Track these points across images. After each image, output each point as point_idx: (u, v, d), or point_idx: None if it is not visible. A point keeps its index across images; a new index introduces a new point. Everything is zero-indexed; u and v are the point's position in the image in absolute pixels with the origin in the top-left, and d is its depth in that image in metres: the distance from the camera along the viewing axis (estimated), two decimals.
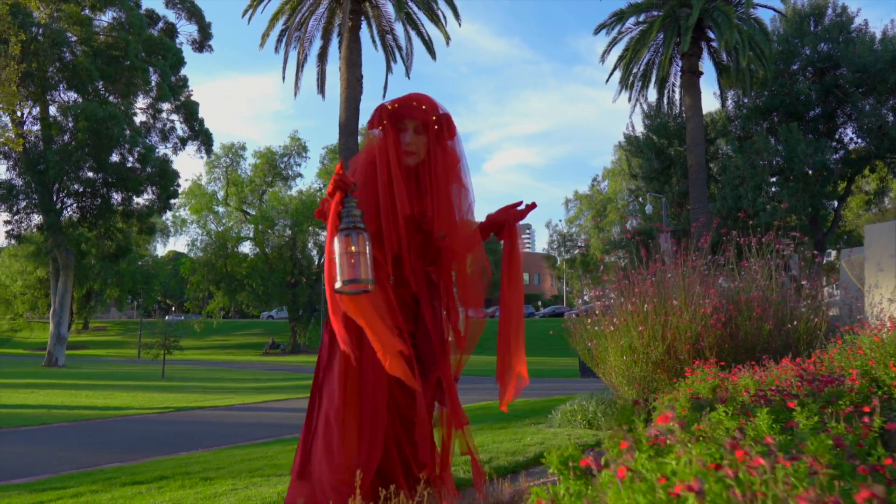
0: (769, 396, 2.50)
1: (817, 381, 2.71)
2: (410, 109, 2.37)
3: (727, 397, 2.67)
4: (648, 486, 0.79)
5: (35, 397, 12.36)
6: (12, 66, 12.69)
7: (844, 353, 3.55)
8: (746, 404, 2.42)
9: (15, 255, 39.39)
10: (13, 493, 3.75)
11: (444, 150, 2.43)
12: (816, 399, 2.41)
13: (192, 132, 29.09)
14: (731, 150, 27.24)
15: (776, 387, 2.83)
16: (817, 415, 2.12)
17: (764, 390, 2.66)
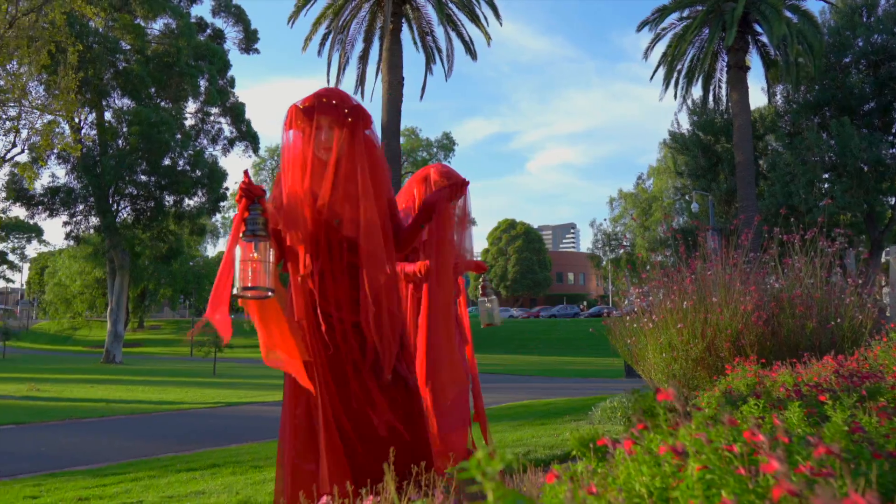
0: (803, 391, 2.51)
1: (856, 378, 2.71)
2: (322, 107, 2.39)
3: (762, 392, 2.69)
4: (653, 458, 0.86)
5: (95, 391, 12.89)
6: (70, 75, 13.26)
7: (888, 350, 3.51)
8: (781, 399, 2.44)
9: (74, 256, 40.97)
10: (79, 477, 3.99)
11: (361, 139, 2.45)
12: (852, 395, 2.42)
13: (240, 133, 29.80)
14: (780, 147, 26.58)
15: (813, 383, 2.83)
16: (850, 409, 2.13)
17: (799, 385, 2.67)
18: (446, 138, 53.04)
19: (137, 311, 48.69)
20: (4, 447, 6.08)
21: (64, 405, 10.28)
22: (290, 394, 2.37)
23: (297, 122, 2.39)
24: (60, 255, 46.16)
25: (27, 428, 7.51)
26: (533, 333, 34.18)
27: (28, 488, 3.63)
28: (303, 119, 2.38)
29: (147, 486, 3.51)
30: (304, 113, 2.38)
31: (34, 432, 7.11)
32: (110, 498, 3.17)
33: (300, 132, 2.40)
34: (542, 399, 8.96)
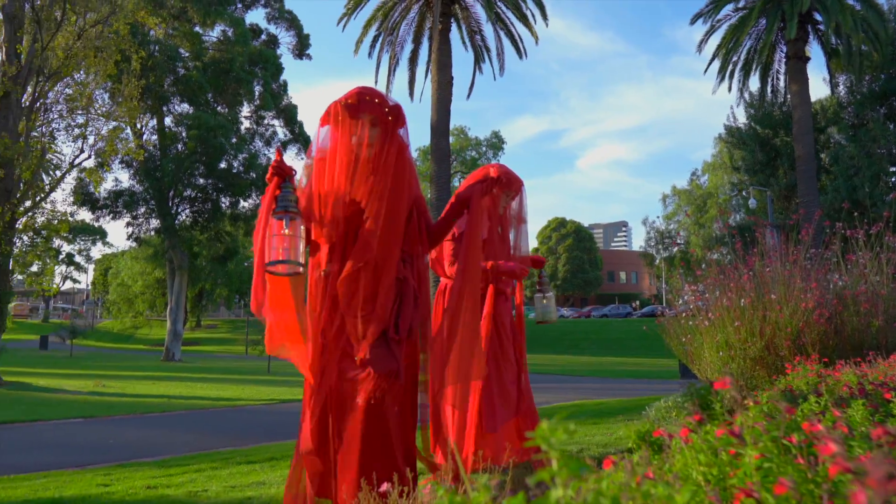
0: (867, 389, 2.43)
1: None
2: (365, 104, 2.42)
3: (823, 391, 2.61)
4: (710, 447, 0.86)
5: (156, 388, 13.37)
6: (133, 83, 13.78)
7: None
8: (844, 397, 2.37)
9: (135, 257, 42.49)
10: (145, 468, 4.17)
11: (396, 138, 2.50)
12: None
13: (293, 135, 30.41)
14: (843, 139, 25.59)
15: (879, 381, 2.74)
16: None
17: (863, 383, 2.59)
18: (495, 137, 52.92)
19: (195, 310, 50.15)
20: (75, 439, 6.37)
21: (128, 400, 10.70)
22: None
23: (339, 118, 2.41)
24: (123, 257, 47.95)
25: (95, 421, 7.85)
26: (584, 333, 33.80)
27: (99, 477, 3.82)
28: (345, 115, 2.41)
29: (210, 477, 3.64)
30: (347, 109, 2.41)
31: (101, 425, 7.42)
32: (177, 487, 3.31)
33: (341, 127, 2.42)
34: (594, 399, 8.87)
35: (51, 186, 14.28)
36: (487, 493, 0.56)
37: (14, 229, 13.39)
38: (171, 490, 3.25)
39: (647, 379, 15.51)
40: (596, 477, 0.58)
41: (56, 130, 14.46)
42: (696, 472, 0.84)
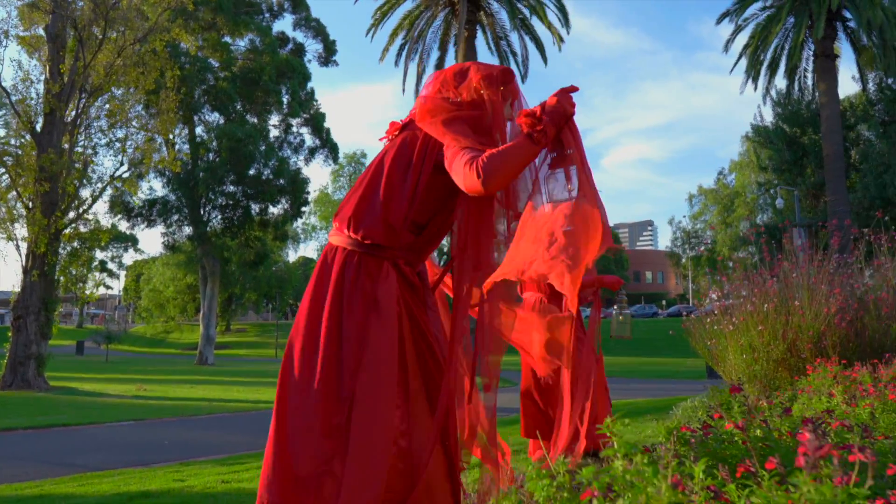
0: (878, 388, 2.66)
1: None
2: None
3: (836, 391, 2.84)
4: (727, 437, 1.13)
5: (195, 391, 13.84)
6: (171, 97, 14.29)
7: None
8: (855, 395, 2.59)
9: (167, 263, 43.44)
10: (209, 466, 4.51)
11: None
12: None
13: (321, 141, 30.94)
14: (873, 136, 25.35)
15: (889, 378, 2.96)
16: None
17: (874, 383, 2.81)
18: None
19: (225, 314, 51.05)
20: (130, 440, 6.77)
21: (172, 403, 11.13)
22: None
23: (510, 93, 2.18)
24: (155, 263, 49.00)
25: (145, 424, 8.27)
26: (609, 332, 33.70)
27: (171, 473, 4.15)
28: (511, 90, 2.19)
29: None
30: (512, 86, 2.20)
31: (152, 427, 7.83)
32: (248, 481, 3.62)
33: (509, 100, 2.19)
34: (622, 399, 9.07)
35: (93, 198, 14.85)
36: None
37: (59, 240, 13.98)
38: (245, 484, 3.56)
39: (674, 379, 15.63)
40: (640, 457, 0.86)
41: (98, 145, 15.03)
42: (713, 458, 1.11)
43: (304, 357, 2.01)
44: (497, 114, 2.12)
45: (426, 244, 2.16)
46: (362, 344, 1.97)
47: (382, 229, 2.03)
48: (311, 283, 2.11)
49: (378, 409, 1.94)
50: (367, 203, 2.07)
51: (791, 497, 0.75)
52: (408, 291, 2.09)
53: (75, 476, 4.34)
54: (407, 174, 2.06)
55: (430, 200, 2.08)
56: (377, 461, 1.92)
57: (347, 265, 2.05)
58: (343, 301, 2.02)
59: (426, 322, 2.13)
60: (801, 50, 23.46)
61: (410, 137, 2.12)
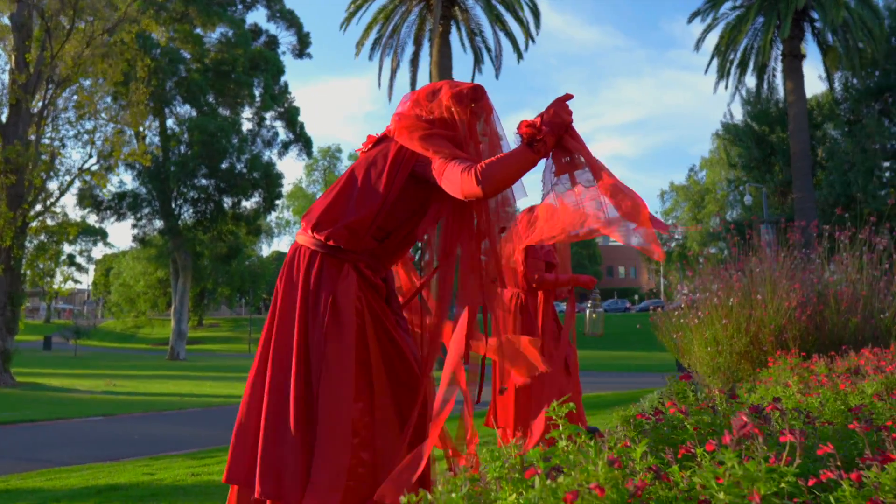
0: (830, 378, 2.76)
1: (882, 366, 2.93)
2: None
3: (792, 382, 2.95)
4: (678, 422, 1.19)
5: (167, 387, 13.71)
6: (142, 89, 14.09)
7: None
8: (810, 385, 2.70)
9: (137, 257, 42.81)
10: (179, 460, 4.50)
11: None
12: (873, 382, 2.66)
13: (294, 135, 30.72)
14: (838, 135, 25.92)
15: (848, 372, 3.07)
16: None
17: (828, 374, 2.92)
18: None
19: (197, 309, 50.43)
20: (100, 435, 6.71)
21: (142, 399, 11.03)
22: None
23: (480, 108, 2.27)
24: (125, 257, 48.28)
25: (115, 419, 8.19)
26: (582, 327, 34.07)
27: (140, 467, 4.14)
28: (482, 106, 2.29)
29: None
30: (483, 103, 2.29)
31: (123, 423, 7.76)
32: (218, 474, 3.63)
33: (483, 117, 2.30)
34: (592, 393, 9.20)
35: (60, 191, 14.60)
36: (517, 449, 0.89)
37: (25, 234, 13.72)
38: (215, 476, 3.57)
39: (645, 373, 15.87)
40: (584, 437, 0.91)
41: (65, 137, 14.76)
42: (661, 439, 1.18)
43: (277, 360, 2.10)
44: (469, 131, 2.20)
45: (388, 252, 2.24)
46: (323, 348, 2.06)
47: (346, 234, 2.12)
48: (281, 283, 2.20)
49: (337, 408, 2.03)
50: (334, 207, 2.16)
51: (717, 473, 0.81)
52: (369, 291, 2.17)
53: (43, 471, 4.30)
54: (378, 184, 2.14)
55: (398, 211, 2.16)
56: (338, 459, 1.99)
57: (311, 266, 2.15)
58: (308, 306, 2.11)
59: (390, 320, 2.21)
60: (769, 49, 23.88)
61: (384, 150, 2.20)
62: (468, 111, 2.21)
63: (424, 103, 2.24)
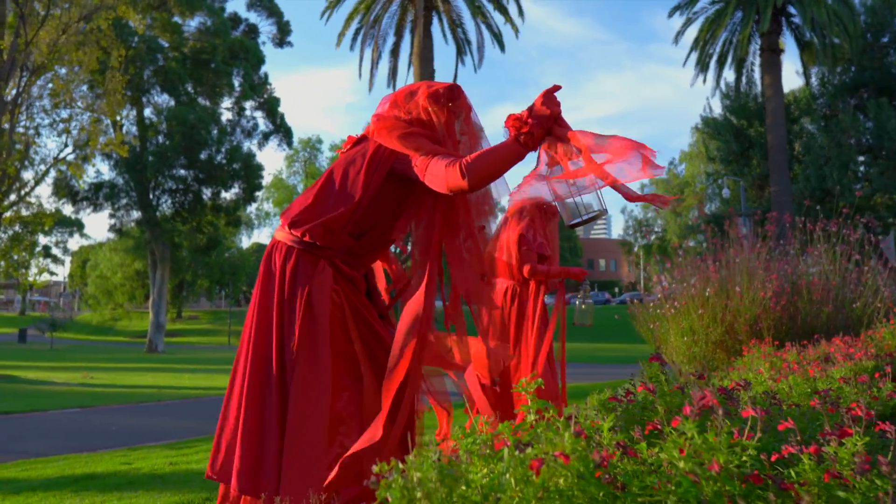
0: (801, 365, 2.83)
1: (851, 353, 3.01)
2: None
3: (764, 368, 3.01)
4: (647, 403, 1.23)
5: (145, 379, 13.58)
6: (118, 77, 13.89)
7: (892, 332, 3.79)
8: (781, 371, 2.76)
9: (115, 249, 42.30)
10: (157, 450, 4.48)
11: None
12: (841, 367, 2.72)
13: (274, 126, 30.48)
14: (815, 129, 26.26)
15: (818, 359, 3.14)
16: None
17: (799, 361, 2.99)
18: None
19: (175, 301, 50.01)
20: (77, 427, 6.64)
21: (119, 391, 10.92)
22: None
23: (459, 107, 2.31)
24: (101, 249, 47.68)
25: (92, 411, 8.11)
26: (572, 318, 34.23)
27: (118, 458, 4.12)
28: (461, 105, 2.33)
29: None
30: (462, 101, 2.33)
31: (100, 415, 7.68)
32: (197, 462, 3.62)
33: (461, 115, 2.33)
34: (572, 384, 9.27)
35: (35, 181, 14.38)
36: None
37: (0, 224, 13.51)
38: (193, 465, 3.56)
39: (624, 364, 16.03)
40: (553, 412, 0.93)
41: (40, 126, 14.53)
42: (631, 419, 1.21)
43: (256, 354, 2.14)
44: (447, 130, 2.24)
45: (366, 250, 2.27)
46: (298, 344, 2.09)
47: (322, 231, 2.15)
48: (259, 279, 2.24)
49: (307, 400, 2.06)
50: (312, 205, 2.19)
51: (679, 444, 0.84)
52: (347, 285, 2.21)
53: (18, 462, 4.26)
54: (356, 182, 2.17)
55: (375, 209, 2.19)
56: (311, 452, 2.02)
57: (286, 262, 2.18)
58: (284, 301, 2.14)
59: (372, 314, 2.25)
60: (748, 44, 24.12)
61: (363, 149, 2.24)
62: (445, 110, 2.25)
63: (402, 104, 2.28)
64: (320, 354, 2.10)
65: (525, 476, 0.75)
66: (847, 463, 1.01)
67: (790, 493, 0.90)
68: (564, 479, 0.75)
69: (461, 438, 0.94)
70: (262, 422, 2.09)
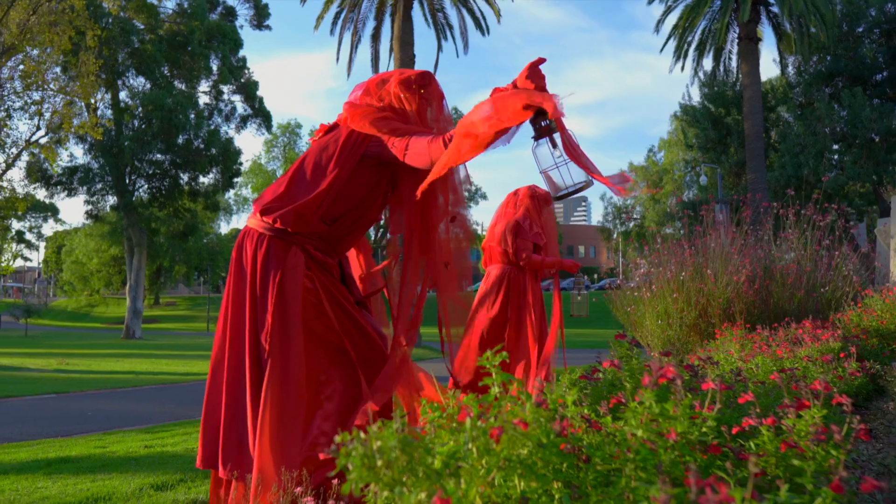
0: (769, 346, 2.89)
1: (819, 334, 3.07)
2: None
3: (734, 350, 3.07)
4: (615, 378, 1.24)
5: (121, 365, 13.47)
6: (91, 60, 13.63)
7: (861, 315, 3.88)
8: (750, 351, 2.82)
9: (90, 234, 41.64)
10: (133, 434, 4.45)
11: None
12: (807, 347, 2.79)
13: (253, 110, 30.10)
14: (791, 118, 26.54)
15: (787, 341, 3.21)
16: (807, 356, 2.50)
17: (768, 343, 3.05)
18: (455, 111, 53.05)
19: (153, 287, 49.48)
20: (52, 412, 6.58)
21: (96, 377, 10.82)
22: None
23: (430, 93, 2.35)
24: (77, 234, 46.93)
25: (67, 396, 8.03)
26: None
27: (92, 442, 4.09)
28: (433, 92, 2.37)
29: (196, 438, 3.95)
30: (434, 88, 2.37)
31: (75, 400, 7.62)
32: (172, 445, 3.61)
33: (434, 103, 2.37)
34: None
35: (7, 164, 14.10)
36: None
37: None
38: (169, 448, 3.55)
39: (603, 349, 16.18)
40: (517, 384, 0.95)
41: (11, 108, 14.22)
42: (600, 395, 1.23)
43: (233, 340, 2.17)
44: (419, 116, 2.28)
45: (337, 237, 2.28)
46: (271, 329, 2.11)
47: (293, 217, 2.16)
48: (232, 266, 2.26)
49: (286, 387, 2.07)
50: (284, 192, 2.21)
51: (639, 413, 0.85)
52: (319, 271, 2.22)
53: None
54: (327, 168, 2.19)
55: (347, 195, 2.21)
56: (288, 435, 2.03)
57: (259, 250, 2.20)
58: (257, 287, 2.16)
59: (348, 300, 2.27)
60: (726, 32, 24.26)
61: (335, 137, 2.26)
62: (417, 97, 2.29)
63: (374, 91, 2.31)
64: (292, 337, 2.12)
65: (487, 446, 0.76)
66: (804, 434, 1.04)
67: (748, 463, 0.92)
68: (526, 448, 0.76)
69: (428, 413, 0.95)
70: (243, 408, 2.11)
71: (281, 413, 2.05)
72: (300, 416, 2.10)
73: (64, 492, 2.72)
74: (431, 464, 0.70)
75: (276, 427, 2.03)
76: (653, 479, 0.78)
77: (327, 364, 2.21)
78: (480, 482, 0.75)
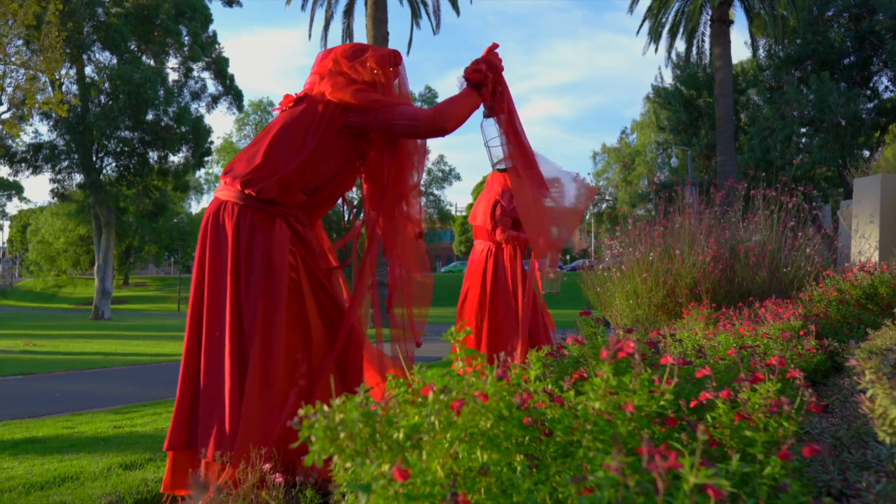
0: (733, 324, 2.96)
1: (780, 312, 3.16)
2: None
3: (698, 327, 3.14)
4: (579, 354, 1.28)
5: (90, 346, 13.28)
6: (55, 33, 13.24)
7: (822, 295, 3.98)
8: (715, 330, 2.89)
9: (56, 213, 40.76)
10: (102, 415, 4.41)
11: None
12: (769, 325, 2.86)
13: (224, 88, 29.58)
14: (761, 101, 26.86)
15: (749, 319, 3.29)
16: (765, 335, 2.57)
17: (732, 321, 3.13)
18: (428, 91, 52.68)
19: (122, 268, 48.73)
20: (18, 394, 6.48)
21: (64, 358, 10.65)
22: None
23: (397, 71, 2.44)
24: (42, 213, 45.91)
25: (34, 378, 7.91)
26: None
27: (60, 422, 4.05)
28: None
29: (170, 417, 3.93)
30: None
31: (43, 381, 7.50)
32: (141, 426, 3.59)
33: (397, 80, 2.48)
34: None
35: None
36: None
37: None
38: (138, 428, 3.53)
39: (573, 329, 16.37)
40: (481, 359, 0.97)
41: None
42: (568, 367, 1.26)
43: (213, 318, 2.14)
44: (388, 90, 2.36)
45: (316, 206, 2.32)
46: (256, 303, 2.10)
47: (277, 187, 2.16)
48: (207, 241, 2.21)
49: (272, 366, 2.08)
50: (263, 163, 2.19)
51: (597, 386, 0.88)
52: (301, 247, 2.25)
53: None
54: (306, 139, 2.20)
55: (326, 164, 2.23)
56: (269, 412, 2.04)
57: (241, 223, 2.17)
58: (240, 262, 2.13)
59: (320, 269, 2.30)
60: (699, 14, 24.41)
61: (309, 107, 2.26)
62: (390, 73, 2.37)
63: (345, 62, 2.33)
64: (278, 313, 2.13)
65: (449, 419, 0.78)
66: (758, 407, 1.08)
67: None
68: (487, 420, 0.78)
69: (393, 388, 0.96)
70: (222, 385, 2.09)
71: (266, 394, 2.06)
72: (281, 396, 2.12)
73: (31, 472, 2.70)
74: (395, 437, 0.72)
75: (261, 405, 2.04)
76: (609, 450, 0.80)
77: (301, 343, 2.22)
78: (443, 454, 0.77)
